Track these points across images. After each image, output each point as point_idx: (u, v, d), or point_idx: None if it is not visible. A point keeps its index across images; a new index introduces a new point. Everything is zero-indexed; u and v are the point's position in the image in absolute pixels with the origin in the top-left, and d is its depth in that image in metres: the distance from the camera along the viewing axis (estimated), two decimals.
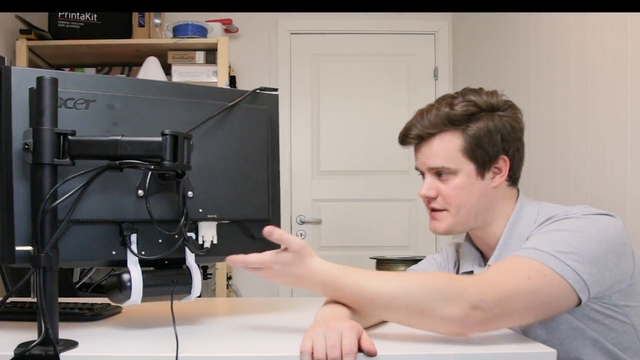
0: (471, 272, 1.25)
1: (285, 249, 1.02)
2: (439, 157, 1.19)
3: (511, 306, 0.97)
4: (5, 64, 2.68)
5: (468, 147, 1.17)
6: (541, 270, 0.99)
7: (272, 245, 1.02)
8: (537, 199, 1.25)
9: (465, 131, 1.17)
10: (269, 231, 1.02)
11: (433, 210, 1.23)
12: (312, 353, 0.88)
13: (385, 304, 1.00)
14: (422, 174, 1.25)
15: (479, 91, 1.21)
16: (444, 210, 1.21)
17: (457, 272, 1.31)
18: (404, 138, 1.26)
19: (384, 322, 1.16)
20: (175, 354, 0.90)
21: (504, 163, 1.20)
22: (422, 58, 3.53)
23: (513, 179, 1.23)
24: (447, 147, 1.19)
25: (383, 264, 2.45)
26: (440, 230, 1.23)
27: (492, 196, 1.21)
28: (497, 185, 1.20)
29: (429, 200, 1.23)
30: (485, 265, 1.25)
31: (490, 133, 1.17)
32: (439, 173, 1.21)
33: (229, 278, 3.08)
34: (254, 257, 1.03)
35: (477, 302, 0.95)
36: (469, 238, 1.30)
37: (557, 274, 0.99)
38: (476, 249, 1.28)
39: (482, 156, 1.18)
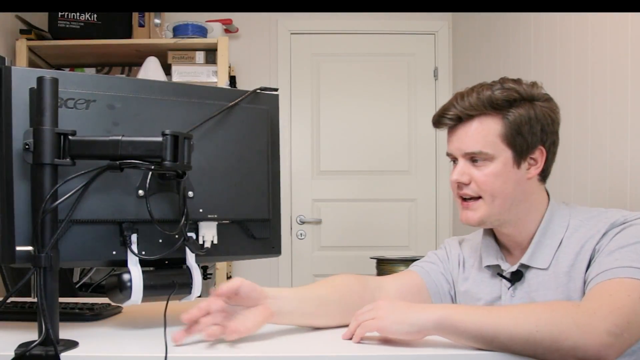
0: (497, 266, 1.22)
1: None
2: (476, 142, 1.15)
3: (634, 330, 0.93)
4: (5, 64, 2.68)
5: (508, 133, 1.15)
6: None
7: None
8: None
9: (505, 116, 1.15)
10: None
11: (464, 199, 1.18)
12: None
13: (513, 329, 0.92)
14: (454, 160, 1.20)
15: (518, 80, 1.18)
16: (478, 198, 1.16)
17: (464, 267, 1.30)
18: (440, 119, 1.19)
19: None
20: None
21: (540, 154, 1.18)
22: (422, 58, 3.53)
23: (545, 174, 1.20)
24: (486, 131, 1.15)
25: (383, 264, 2.46)
26: (474, 219, 1.17)
27: (526, 188, 1.18)
28: (531, 177, 1.17)
29: (459, 186, 1.18)
30: (506, 261, 1.22)
31: (531, 121, 1.15)
32: (473, 159, 1.16)
33: (229, 278, 3.08)
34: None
35: (610, 327, 0.90)
36: (488, 232, 1.27)
37: None
38: (496, 243, 1.25)
39: (520, 144, 1.15)
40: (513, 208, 1.17)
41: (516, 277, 1.18)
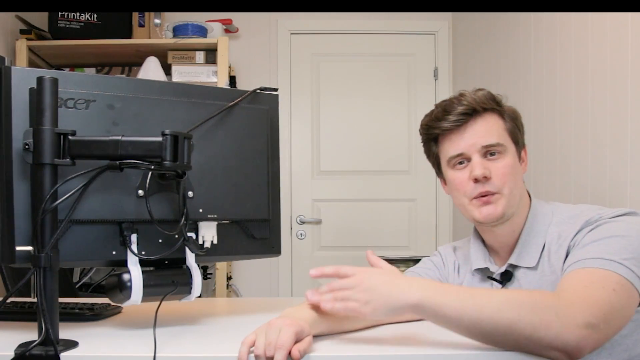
0: (486, 269, 1.23)
1: None
2: (493, 134, 1.16)
3: (612, 322, 0.93)
4: (5, 64, 2.68)
5: (511, 127, 1.18)
6: (619, 281, 0.97)
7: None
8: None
9: (504, 113, 1.19)
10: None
11: (484, 195, 1.16)
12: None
13: (494, 314, 0.89)
14: (463, 161, 1.18)
15: None
16: (496, 193, 1.15)
17: (458, 273, 1.30)
18: (446, 116, 1.17)
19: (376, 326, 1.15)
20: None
21: (524, 152, 1.23)
22: (422, 58, 3.53)
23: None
24: (497, 125, 1.18)
25: None
26: (497, 214, 1.15)
27: (522, 184, 1.21)
28: (523, 173, 1.22)
29: (481, 183, 1.15)
30: (495, 263, 1.23)
31: (519, 119, 1.21)
32: (490, 152, 1.16)
33: (229, 278, 3.08)
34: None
35: (588, 318, 0.89)
36: (477, 236, 1.28)
37: (629, 281, 0.97)
38: (484, 247, 1.27)
39: (519, 139, 1.20)
40: (520, 201, 1.19)
41: (506, 278, 1.19)
